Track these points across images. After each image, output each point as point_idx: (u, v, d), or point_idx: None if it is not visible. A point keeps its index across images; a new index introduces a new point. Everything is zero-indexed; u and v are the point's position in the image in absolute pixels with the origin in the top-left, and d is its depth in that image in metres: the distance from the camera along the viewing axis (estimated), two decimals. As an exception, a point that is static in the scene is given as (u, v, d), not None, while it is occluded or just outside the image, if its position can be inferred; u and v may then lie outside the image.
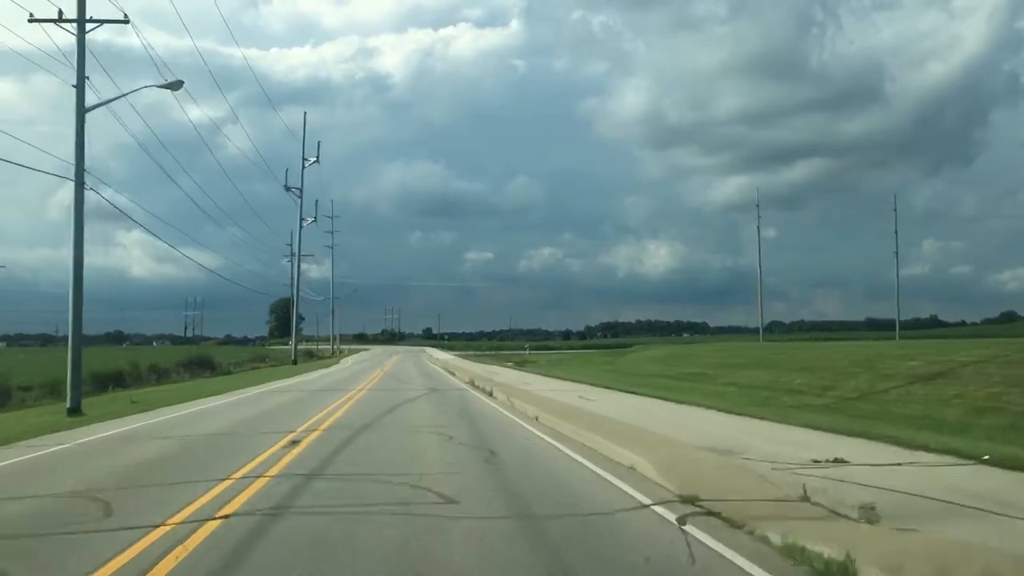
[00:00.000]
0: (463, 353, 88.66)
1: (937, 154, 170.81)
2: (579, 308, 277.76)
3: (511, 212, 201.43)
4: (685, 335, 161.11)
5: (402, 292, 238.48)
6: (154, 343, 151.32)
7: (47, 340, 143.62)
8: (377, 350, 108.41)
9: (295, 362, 58.99)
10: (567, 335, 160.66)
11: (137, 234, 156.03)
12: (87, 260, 20.54)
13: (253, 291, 69.47)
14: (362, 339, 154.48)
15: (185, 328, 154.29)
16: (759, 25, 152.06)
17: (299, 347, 72.53)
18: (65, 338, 25.64)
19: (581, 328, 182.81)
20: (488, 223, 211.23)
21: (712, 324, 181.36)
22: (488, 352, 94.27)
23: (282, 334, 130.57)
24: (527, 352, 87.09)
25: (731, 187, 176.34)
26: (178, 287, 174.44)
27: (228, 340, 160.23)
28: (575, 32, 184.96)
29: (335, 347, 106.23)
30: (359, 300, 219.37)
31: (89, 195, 20.66)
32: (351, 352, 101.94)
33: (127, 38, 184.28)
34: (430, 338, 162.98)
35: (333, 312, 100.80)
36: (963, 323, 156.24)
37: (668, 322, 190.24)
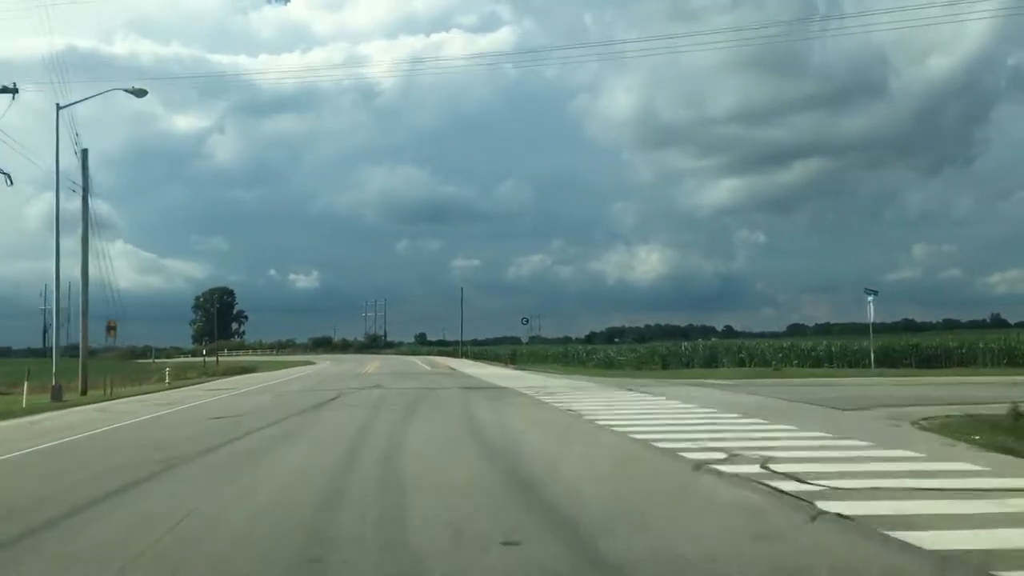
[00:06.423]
0: (647, 380, 31.14)
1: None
2: (572, 314, 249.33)
3: (499, 217, 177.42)
4: (712, 339, 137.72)
5: (388, 297, 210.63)
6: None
7: None
8: (306, 371, 54.01)
9: None
10: (590, 339, 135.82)
11: (120, 245, 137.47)
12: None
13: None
14: (325, 346, 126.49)
15: (45, 331, 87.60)
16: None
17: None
18: None
19: (583, 335, 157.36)
20: (474, 228, 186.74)
21: (736, 327, 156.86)
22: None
23: (213, 338, 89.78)
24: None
25: (723, 189, 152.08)
26: (181, 296, 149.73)
27: (131, 352, 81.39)
28: (565, 26, 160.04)
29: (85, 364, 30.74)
30: (342, 308, 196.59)
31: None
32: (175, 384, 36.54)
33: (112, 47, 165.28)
34: (425, 344, 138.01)
35: (57, 229, 28.63)
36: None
37: (679, 326, 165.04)
